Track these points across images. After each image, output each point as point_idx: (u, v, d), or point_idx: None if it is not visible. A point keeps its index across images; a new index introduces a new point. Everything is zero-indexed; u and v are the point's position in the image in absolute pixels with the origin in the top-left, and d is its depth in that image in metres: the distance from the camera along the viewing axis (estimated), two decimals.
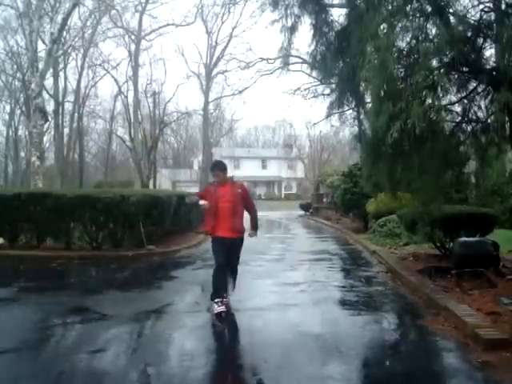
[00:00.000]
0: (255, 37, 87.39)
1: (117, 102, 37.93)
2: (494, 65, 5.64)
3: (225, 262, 5.24)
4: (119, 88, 34.60)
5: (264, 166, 54.92)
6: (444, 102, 5.68)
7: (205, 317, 5.10)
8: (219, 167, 5.44)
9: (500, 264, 6.73)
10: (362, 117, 7.23)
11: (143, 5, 30.83)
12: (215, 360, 3.84)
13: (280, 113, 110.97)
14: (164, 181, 43.86)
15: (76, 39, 29.85)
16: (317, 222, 22.54)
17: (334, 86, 7.46)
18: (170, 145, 57.00)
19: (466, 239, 7.02)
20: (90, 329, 4.61)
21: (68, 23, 21.18)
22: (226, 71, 36.71)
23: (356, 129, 7.42)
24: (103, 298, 6.12)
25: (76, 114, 34.77)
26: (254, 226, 5.64)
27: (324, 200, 28.05)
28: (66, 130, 36.73)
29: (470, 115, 6.03)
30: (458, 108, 6.09)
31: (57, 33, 16.78)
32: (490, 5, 5.54)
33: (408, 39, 5.53)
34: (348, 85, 6.61)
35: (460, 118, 6.08)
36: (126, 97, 34.01)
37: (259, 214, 5.82)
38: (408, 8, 5.44)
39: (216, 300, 5.08)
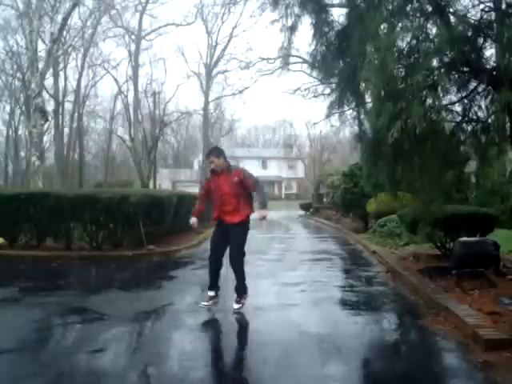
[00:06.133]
0: (255, 37, 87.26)
1: (117, 102, 38.03)
2: (495, 64, 5.63)
3: (217, 249, 5.14)
4: (119, 88, 34.69)
5: (264, 166, 54.90)
6: (444, 102, 5.67)
7: (205, 317, 5.09)
8: (214, 153, 5.09)
9: (500, 264, 6.72)
10: (362, 117, 7.22)
11: (143, 4, 30.97)
12: (215, 360, 3.83)
13: (280, 113, 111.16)
14: (164, 181, 43.83)
15: (76, 39, 29.96)
16: (317, 221, 22.54)
17: (334, 85, 7.44)
18: (170, 145, 56.99)
19: (467, 239, 7.00)
20: (90, 329, 4.61)
21: (68, 23, 21.19)
22: (226, 71, 36.66)
23: (356, 129, 7.40)
24: (103, 297, 6.11)
25: (76, 114, 34.80)
26: (262, 201, 5.14)
27: (324, 200, 28.06)
28: (66, 130, 36.85)
29: (471, 115, 6.02)
30: (458, 108, 6.08)
31: (57, 32, 16.81)
32: (491, 4, 5.54)
33: (408, 39, 5.52)
34: (348, 85, 6.60)
35: (460, 117, 6.07)
36: (126, 97, 34.13)
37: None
38: (408, 8, 5.43)
39: (208, 292, 5.20)
